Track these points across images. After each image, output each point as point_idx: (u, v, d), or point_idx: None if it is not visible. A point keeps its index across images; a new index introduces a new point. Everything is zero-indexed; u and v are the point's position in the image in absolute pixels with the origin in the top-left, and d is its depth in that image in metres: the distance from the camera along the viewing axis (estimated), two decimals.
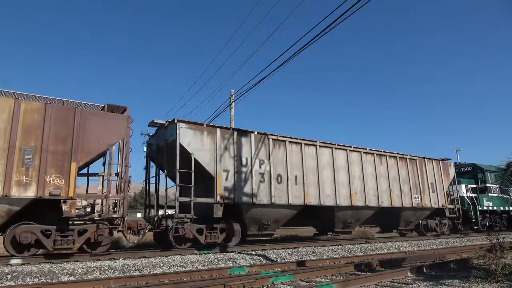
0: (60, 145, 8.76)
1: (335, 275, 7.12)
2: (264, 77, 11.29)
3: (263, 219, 12.01)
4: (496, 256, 6.87)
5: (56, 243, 8.60)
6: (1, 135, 8.16)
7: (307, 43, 9.31)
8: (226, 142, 11.39)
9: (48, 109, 8.76)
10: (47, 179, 8.45)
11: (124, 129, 9.70)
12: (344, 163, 14.10)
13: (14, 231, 8.31)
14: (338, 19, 8.33)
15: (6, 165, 8.07)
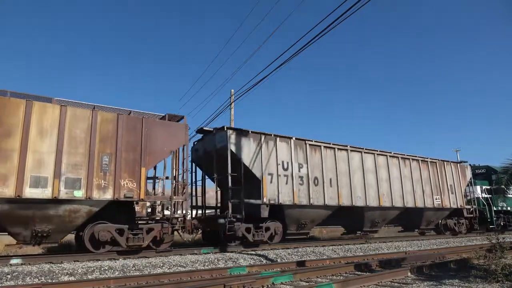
0: (131, 151, 9.67)
1: (335, 275, 7.10)
2: (264, 77, 11.25)
3: (302, 219, 12.93)
4: (496, 256, 6.85)
5: (129, 241, 9.51)
6: (82, 143, 9.07)
7: (307, 43, 9.25)
8: (269, 147, 12.30)
9: (120, 119, 9.67)
10: (122, 183, 9.36)
11: (183, 136, 10.61)
12: (372, 166, 15.03)
13: (93, 229, 9.22)
14: (338, 19, 8.26)
15: (88, 170, 8.98)
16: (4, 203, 8.02)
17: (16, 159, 8.20)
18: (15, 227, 8.41)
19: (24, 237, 8.63)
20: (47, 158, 8.56)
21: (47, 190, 8.42)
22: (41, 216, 8.53)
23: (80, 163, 8.93)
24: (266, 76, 11.14)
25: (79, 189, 8.80)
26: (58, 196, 8.50)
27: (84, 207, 8.95)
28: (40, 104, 8.76)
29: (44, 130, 8.65)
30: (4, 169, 8.05)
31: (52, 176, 8.52)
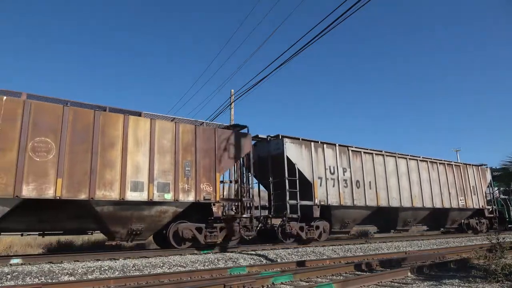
0: (207, 159, 10.88)
1: (335, 275, 7.12)
2: (264, 77, 11.29)
3: (345, 218, 14.16)
4: (496, 256, 6.81)
5: (207, 238, 10.72)
6: (169, 152, 10.28)
7: (307, 43, 9.25)
8: (318, 153, 13.52)
9: (197, 130, 10.88)
10: (201, 186, 10.57)
11: (248, 144, 11.82)
12: (405, 169, 16.25)
13: (177, 227, 10.44)
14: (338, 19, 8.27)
15: (174, 176, 10.19)
16: (110, 205, 9.23)
17: (119, 167, 9.41)
18: (116, 226, 9.61)
19: (121, 235, 9.83)
20: (142, 166, 9.77)
21: (143, 193, 9.63)
22: (137, 216, 9.74)
23: (168, 169, 10.14)
24: (266, 76, 11.15)
25: (168, 192, 10.01)
26: (153, 199, 9.71)
27: (171, 208, 10.16)
28: (134, 118, 9.97)
29: (138, 141, 9.86)
30: (110, 176, 9.26)
31: (147, 181, 9.73)
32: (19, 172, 8.13)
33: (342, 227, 14.37)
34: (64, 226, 9.73)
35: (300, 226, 12.80)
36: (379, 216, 15.98)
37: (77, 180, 8.78)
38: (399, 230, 16.59)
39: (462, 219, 19.14)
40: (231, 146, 11.42)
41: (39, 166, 8.41)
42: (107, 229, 9.67)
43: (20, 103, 8.49)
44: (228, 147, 11.34)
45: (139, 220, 9.83)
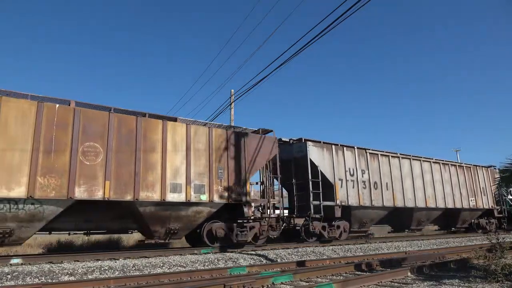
0: (238, 161, 11.45)
1: (335, 275, 7.11)
2: (264, 77, 11.29)
3: (364, 218, 14.74)
4: (496, 256, 6.80)
5: (238, 236, 11.28)
6: (203, 155, 10.85)
7: (307, 43, 9.25)
8: (339, 156, 14.09)
9: (228, 134, 11.45)
10: (233, 188, 11.14)
11: (275, 148, 12.40)
12: (419, 171, 16.84)
13: (211, 227, 11.01)
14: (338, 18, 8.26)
15: (209, 178, 10.76)
16: (152, 205, 9.80)
17: (159, 169, 9.98)
18: (156, 226, 10.18)
19: (160, 234, 10.41)
20: (180, 168, 10.34)
21: (182, 194, 10.20)
22: (175, 216, 10.30)
23: (203, 172, 10.72)
24: (266, 76, 11.16)
25: (204, 193, 10.59)
26: (190, 200, 10.28)
27: (206, 208, 10.73)
28: (171, 123, 10.54)
29: (176, 145, 10.43)
30: (152, 178, 9.83)
31: (185, 183, 10.30)
32: (72, 174, 8.70)
33: (360, 227, 14.95)
34: (108, 226, 10.31)
35: (322, 226, 13.38)
36: (394, 216, 16.56)
37: (123, 182, 9.36)
38: (413, 229, 17.18)
39: (472, 219, 19.73)
40: (259, 150, 11.99)
41: (89, 169, 8.98)
42: (148, 228, 10.24)
43: (71, 110, 9.07)
44: (256, 151, 11.91)
45: (177, 220, 10.40)
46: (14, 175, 8.10)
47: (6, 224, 8.20)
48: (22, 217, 8.28)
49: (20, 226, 8.39)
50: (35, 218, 8.45)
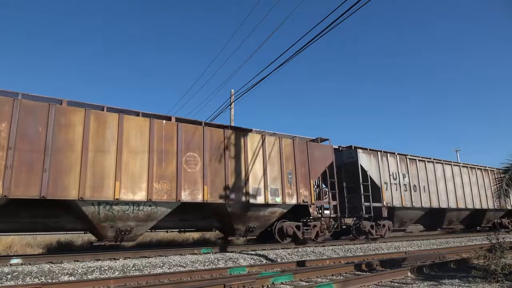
0: (303, 167, 12.92)
1: (335, 275, 7.12)
2: (264, 77, 11.34)
3: (404, 218, 16.23)
4: (496, 256, 6.80)
5: (304, 234, 12.75)
6: (276, 162, 12.31)
7: (307, 43, 9.27)
8: (384, 161, 15.57)
9: (294, 143, 12.92)
10: (300, 191, 12.61)
11: (332, 155, 13.87)
12: (450, 174, 18.33)
13: (282, 225, 12.48)
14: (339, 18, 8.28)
15: (282, 182, 12.23)
16: (238, 207, 11.27)
17: (243, 175, 11.45)
18: (239, 224, 11.65)
19: (241, 231, 11.88)
20: (259, 174, 11.81)
21: (261, 197, 11.66)
22: (255, 216, 11.77)
23: (276, 177, 12.18)
24: (266, 76, 11.24)
25: (278, 196, 12.05)
26: (268, 202, 11.75)
27: (279, 209, 12.20)
28: (250, 134, 12.00)
29: (254, 153, 11.90)
30: (238, 182, 11.29)
31: (263, 187, 11.77)
32: (179, 180, 10.17)
33: (401, 226, 16.43)
34: (197, 224, 11.78)
35: (371, 225, 14.85)
36: (427, 216, 18.05)
37: (216, 187, 10.82)
38: (444, 228, 18.66)
39: (496, 218, 21.22)
40: (319, 157, 13.46)
41: (191, 176, 10.45)
42: (231, 227, 11.70)
43: (174, 125, 10.54)
44: (317, 157, 13.38)
45: (256, 219, 11.86)
46: (137, 182, 9.57)
47: (128, 223, 9.67)
48: (141, 217, 9.75)
49: (138, 225, 9.86)
50: (149, 218, 9.92)
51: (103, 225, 9.38)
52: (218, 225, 12.18)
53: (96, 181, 9.00)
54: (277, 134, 13.02)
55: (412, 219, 16.64)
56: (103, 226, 9.38)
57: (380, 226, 15.16)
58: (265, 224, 12.26)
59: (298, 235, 12.67)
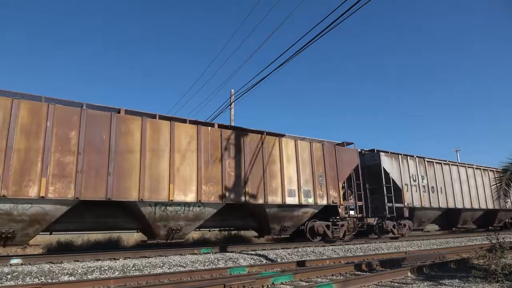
0: (331, 170, 13.69)
1: (335, 275, 7.10)
2: (264, 77, 11.35)
3: (423, 218, 17.02)
4: (496, 256, 6.79)
5: (333, 233, 13.53)
6: (307, 165, 13.08)
7: (307, 43, 9.27)
8: (404, 164, 16.36)
9: (324, 147, 13.69)
10: (330, 193, 13.38)
11: (357, 158, 14.65)
12: (464, 176, 19.12)
13: (313, 224, 13.25)
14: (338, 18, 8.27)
15: (313, 184, 13.00)
16: (275, 207, 12.04)
17: (279, 178, 12.22)
18: (274, 224, 12.42)
19: (276, 231, 12.65)
20: (293, 177, 12.58)
21: (295, 198, 12.44)
22: (290, 216, 12.55)
23: (308, 179, 12.95)
24: (266, 76, 11.28)
25: (310, 197, 12.83)
26: (301, 202, 12.52)
27: (311, 209, 12.98)
28: (284, 139, 12.77)
29: (289, 157, 12.67)
30: (274, 184, 12.06)
31: (297, 189, 12.54)
32: (223, 183, 10.94)
33: (419, 225, 17.23)
34: (235, 224, 12.56)
35: (393, 224, 15.64)
36: (443, 215, 18.84)
37: (256, 189, 11.59)
38: (459, 227, 19.45)
39: (507, 218, 22.02)
40: (346, 160, 14.24)
41: (234, 179, 11.22)
42: (267, 226, 12.47)
43: (218, 131, 11.30)
44: (344, 161, 14.16)
45: (290, 219, 12.64)
46: (188, 184, 10.34)
47: (178, 223, 10.45)
48: (190, 217, 10.52)
49: (187, 224, 10.64)
50: (197, 218, 10.70)
51: (158, 224, 10.15)
52: (254, 225, 12.95)
53: (153, 184, 9.78)
54: (307, 139, 13.80)
55: (430, 218, 17.43)
56: (157, 225, 10.15)
57: (401, 226, 15.95)
58: (298, 224, 13.03)
59: (328, 233, 13.45)
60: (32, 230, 8.63)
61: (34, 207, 8.31)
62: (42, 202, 8.36)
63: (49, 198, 8.38)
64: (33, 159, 8.37)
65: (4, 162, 8.02)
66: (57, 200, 8.51)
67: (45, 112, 8.73)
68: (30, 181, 8.25)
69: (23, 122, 8.44)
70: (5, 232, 8.25)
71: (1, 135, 8.13)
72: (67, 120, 8.97)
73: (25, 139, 8.39)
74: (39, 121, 8.62)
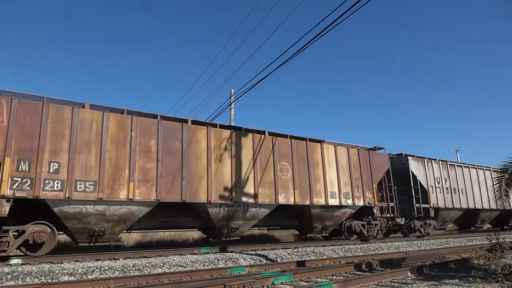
0: (366, 173, 14.76)
1: (335, 275, 7.11)
2: (264, 77, 11.42)
3: (446, 218, 18.11)
4: (496, 256, 6.77)
5: (369, 231, 14.61)
6: (345, 169, 14.15)
7: (307, 43, 9.35)
8: (429, 167, 17.44)
9: (360, 152, 14.77)
10: (366, 194, 14.47)
11: (388, 162, 15.73)
12: (482, 178, 20.22)
13: (350, 223, 14.33)
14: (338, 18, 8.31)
15: (351, 187, 14.07)
16: (319, 208, 13.12)
17: (322, 181, 13.29)
18: (317, 223, 13.50)
19: (317, 229, 13.72)
20: (333, 180, 13.66)
21: (336, 199, 13.51)
22: (331, 216, 13.63)
23: (346, 182, 14.03)
24: (266, 76, 11.36)
25: (349, 198, 13.91)
26: (342, 203, 13.59)
27: (349, 210, 14.06)
28: (325, 145, 13.84)
29: (330, 162, 13.75)
30: (318, 187, 13.14)
31: (337, 191, 13.62)
32: (276, 186, 12.01)
33: (442, 225, 18.33)
34: (281, 223, 13.64)
35: (420, 224, 16.73)
36: (463, 215, 19.93)
37: (303, 191, 12.67)
38: (477, 227, 20.56)
39: None
40: (379, 164, 15.32)
41: (284, 182, 12.30)
42: (310, 225, 13.55)
43: (270, 139, 12.37)
44: (377, 165, 15.24)
45: (330, 219, 13.72)
46: (246, 187, 11.42)
47: (237, 222, 11.52)
48: (248, 216, 11.60)
49: (244, 223, 11.72)
50: (253, 217, 11.78)
51: (220, 224, 11.23)
52: (297, 224, 14.03)
53: (218, 187, 10.85)
54: (344, 144, 14.87)
55: (452, 218, 18.53)
56: (220, 224, 11.23)
57: (427, 225, 17.04)
58: (337, 223, 14.12)
59: (364, 232, 14.53)
60: (118, 228, 9.70)
61: (123, 208, 9.39)
62: (130, 204, 9.44)
63: (136, 200, 9.46)
64: (121, 166, 9.45)
65: (99, 169, 9.11)
66: (142, 202, 9.58)
67: (129, 124, 9.80)
68: (120, 185, 9.32)
69: (112, 133, 9.52)
70: (97, 231, 9.31)
71: (96, 144, 9.22)
72: (147, 130, 10.04)
73: (115, 148, 9.47)
74: (125, 132, 9.70)
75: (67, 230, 9.20)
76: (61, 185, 8.57)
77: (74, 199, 8.68)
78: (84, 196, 8.81)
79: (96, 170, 9.06)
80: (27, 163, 8.30)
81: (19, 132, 8.37)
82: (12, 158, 8.16)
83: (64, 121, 8.96)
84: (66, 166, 8.71)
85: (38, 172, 8.36)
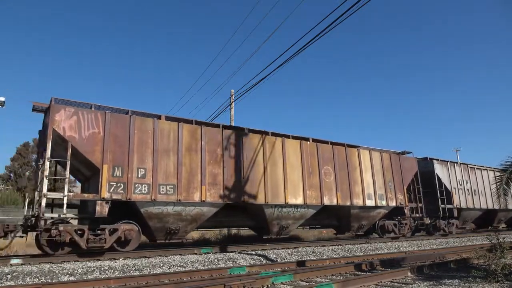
0: (397, 176, 15.89)
1: (335, 275, 7.10)
2: (264, 77, 11.46)
3: (466, 217, 19.25)
4: (496, 256, 6.79)
5: (400, 230, 15.74)
6: (379, 172, 15.28)
7: (307, 43, 9.33)
8: (451, 170, 18.58)
9: (391, 157, 15.89)
10: (397, 196, 15.59)
11: (416, 165, 16.86)
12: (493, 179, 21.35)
13: (384, 223, 15.46)
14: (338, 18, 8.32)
15: (385, 189, 15.20)
16: (357, 208, 14.24)
17: (360, 183, 14.41)
18: (354, 222, 14.62)
19: (354, 228, 14.84)
20: (369, 182, 14.78)
21: (372, 201, 14.64)
22: (367, 215, 14.75)
23: (381, 185, 15.15)
24: (266, 76, 11.41)
25: (383, 199, 15.03)
26: (377, 204, 14.72)
27: (383, 210, 15.19)
28: (362, 150, 14.96)
29: (366, 166, 14.87)
30: (357, 189, 14.26)
31: (373, 193, 14.74)
32: (321, 188, 13.14)
33: (463, 224, 19.46)
34: (322, 222, 14.78)
35: (444, 223, 17.86)
36: (482, 215, 21.06)
37: (344, 193, 13.79)
38: (494, 226, 21.69)
39: None
40: (408, 167, 16.45)
41: (328, 185, 13.42)
42: (348, 224, 14.68)
43: (314, 145, 13.50)
44: (407, 168, 16.37)
45: (365, 218, 14.85)
46: (296, 189, 12.54)
47: (287, 221, 12.65)
48: (297, 216, 12.73)
49: (293, 222, 12.85)
50: (301, 217, 12.90)
51: (273, 223, 12.35)
52: (335, 223, 15.16)
53: (273, 189, 11.98)
54: (376, 149, 16.00)
55: (472, 218, 19.66)
56: (273, 223, 12.35)
57: (450, 224, 18.17)
58: (371, 223, 15.24)
59: (395, 231, 15.66)
60: (190, 227, 10.83)
61: (196, 208, 10.51)
62: (202, 205, 10.57)
63: (207, 202, 10.58)
64: (195, 171, 10.58)
65: (177, 173, 10.23)
66: (212, 203, 10.71)
67: (199, 133, 10.93)
68: (194, 188, 10.45)
69: (186, 142, 10.65)
70: (173, 229, 10.44)
71: (173, 152, 10.35)
72: (213, 138, 11.17)
73: (188, 155, 10.59)
74: (196, 140, 10.83)
75: (148, 229, 10.32)
76: (148, 189, 9.71)
77: (158, 200, 9.81)
78: (166, 198, 9.93)
79: (175, 175, 10.19)
80: (120, 169, 9.44)
81: (113, 142, 9.51)
82: (109, 165, 9.29)
83: (148, 131, 10.10)
84: (151, 172, 9.84)
85: (129, 177, 9.50)
